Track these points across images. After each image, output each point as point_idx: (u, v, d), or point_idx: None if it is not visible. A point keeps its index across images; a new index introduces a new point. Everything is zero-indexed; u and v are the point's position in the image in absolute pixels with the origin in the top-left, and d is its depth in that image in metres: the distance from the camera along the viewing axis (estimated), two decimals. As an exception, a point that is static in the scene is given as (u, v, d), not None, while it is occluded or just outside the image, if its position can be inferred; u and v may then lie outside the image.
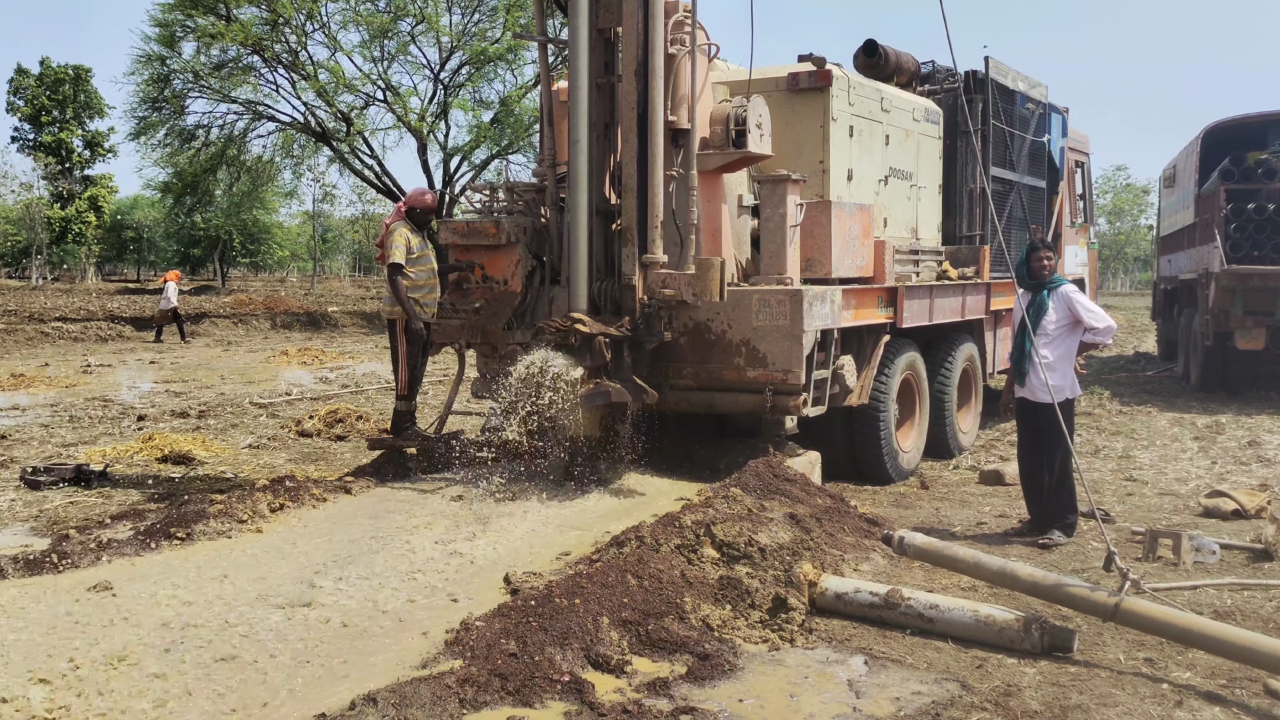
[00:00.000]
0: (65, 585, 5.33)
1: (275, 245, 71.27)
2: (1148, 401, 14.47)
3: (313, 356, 21.76)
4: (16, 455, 10.14)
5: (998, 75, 11.40)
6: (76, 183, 58.62)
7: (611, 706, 4.12)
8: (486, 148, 34.02)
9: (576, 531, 6.48)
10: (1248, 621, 5.36)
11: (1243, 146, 15.47)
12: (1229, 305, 14.01)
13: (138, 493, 8.53)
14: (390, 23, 31.55)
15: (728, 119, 7.91)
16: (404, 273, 8.01)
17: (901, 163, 10.19)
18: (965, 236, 11.37)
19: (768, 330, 7.75)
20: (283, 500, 6.82)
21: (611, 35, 7.88)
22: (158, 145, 32.75)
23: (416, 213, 8.41)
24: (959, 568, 5.71)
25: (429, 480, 7.64)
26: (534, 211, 8.48)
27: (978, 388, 11.11)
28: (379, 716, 3.78)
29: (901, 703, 4.34)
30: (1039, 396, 7.04)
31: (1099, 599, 5.05)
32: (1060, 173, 13.53)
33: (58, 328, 25.65)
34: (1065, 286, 7.14)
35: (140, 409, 13.40)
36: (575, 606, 4.75)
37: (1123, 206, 76.51)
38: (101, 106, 59.76)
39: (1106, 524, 7.22)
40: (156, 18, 30.39)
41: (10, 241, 60.16)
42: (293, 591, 5.30)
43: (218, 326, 29.37)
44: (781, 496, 6.72)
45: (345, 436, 11.33)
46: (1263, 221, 14.37)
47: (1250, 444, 10.88)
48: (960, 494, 8.76)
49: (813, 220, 8.38)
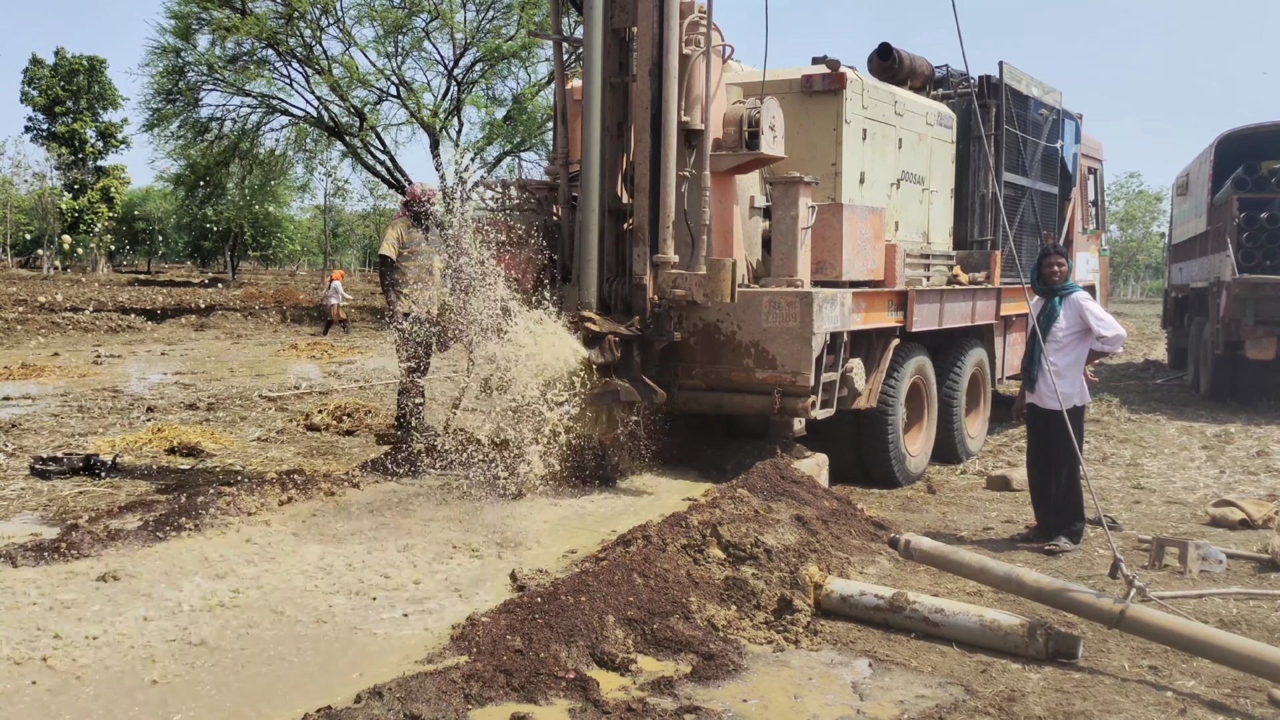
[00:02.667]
0: (74, 574, 5.36)
1: (286, 239, 71.36)
2: (1156, 410, 14.44)
3: (322, 351, 21.81)
4: (26, 445, 10.19)
5: (1012, 80, 11.37)
6: (89, 173, 58.82)
7: (616, 704, 4.13)
8: (499, 145, 34.06)
9: (583, 529, 6.50)
10: (1253, 631, 5.35)
11: (1256, 155, 15.42)
12: (1240, 314, 13.97)
13: (147, 484, 8.56)
14: (405, 18, 31.62)
15: (741, 120, 7.92)
16: (394, 267, 8.19)
17: (914, 166, 10.18)
18: (976, 241, 11.35)
19: (777, 332, 7.76)
20: (291, 493, 6.85)
21: (626, 35, 7.89)
22: (171, 137, 32.88)
23: (416, 207, 8.54)
24: (965, 572, 5.71)
25: (436, 476, 7.66)
26: (546, 209, 8.50)
27: (986, 393, 11.10)
28: (384, 710, 3.79)
29: (905, 706, 4.34)
30: (1048, 403, 7.03)
31: (1104, 606, 5.05)
32: (1073, 179, 13.49)
33: (68, 318, 25.75)
34: (1077, 294, 7.13)
35: (150, 400, 13.45)
36: (581, 604, 4.77)
37: (1135, 214, 76.30)
38: (115, 98, 59.94)
39: (1113, 531, 7.21)
40: (172, 10, 30.54)
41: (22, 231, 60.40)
42: (299, 584, 5.33)
43: (228, 319, 29.45)
44: (788, 498, 6.73)
45: (353, 431, 11.35)
46: (1275, 231, 14.33)
47: (1259, 454, 10.86)
48: (967, 499, 8.75)
49: (824, 223, 8.39)
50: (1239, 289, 13.89)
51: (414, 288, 8.51)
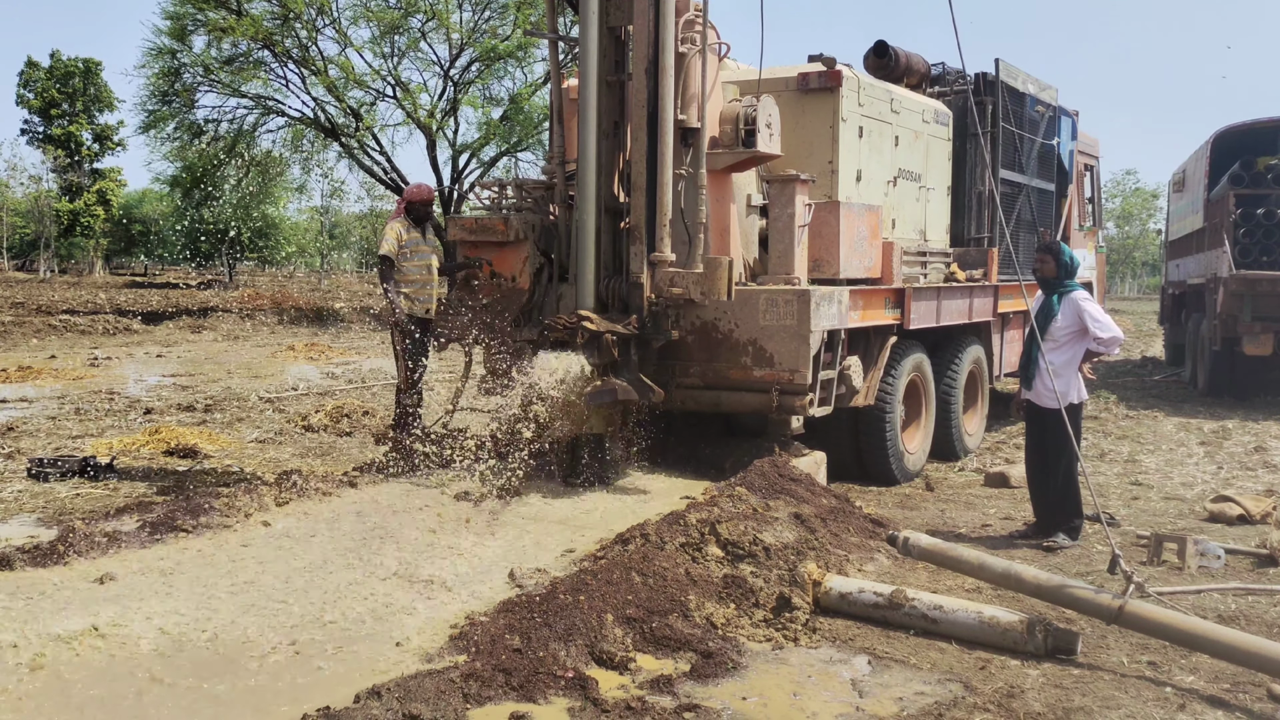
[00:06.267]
0: (71, 575, 5.35)
1: (283, 240, 71.29)
2: (1154, 406, 14.45)
3: (319, 352, 21.77)
4: (23, 447, 10.17)
5: (1008, 78, 11.38)
6: (85, 176, 58.76)
7: (615, 703, 4.12)
8: (496, 145, 34.02)
9: (582, 528, 6.50)
10: (1252, 626, 5.35)
11: (1252, 151, 15.44)
12: (1237, 310, 13.99)
13: (144, 485, 8.55)
14: (401, 19, 31.56)
15: (737, 118, 7.91)
16: (394, 266, 8.20)
17: (910, 164, 10.18)
18: (973, 239, 11.36)
19: (775, 330, 7.76)
20: (288, 494, 6.84)
21: (622, 33, 7.88)
22: (167, 139, 32.77)
23: (415, 208, 8.53)
24: (963, 569, 5.71)
25: (434, 476, 7.65)
26: (543, 209, 8.50)
27: (984, 390, 11.10)
28: (383, 710, 3.79)
29: (904, 703, 4.34)
30: (1044, 401, 7.04)
31: (1103, 602, 5.05)
32: (1069, 176, 13.50)
33: (65, 320, 25.71)
34: (1076, 293, 7.12)
35: (147, 402, 13.43)
36: (580, 603, 4.77)
37: (1132, 211, 76.31)
38: (111, 100, 59.89)
39: (1111, 527, 7.21)
40: (167, 11, 30.44)
41: (19, 234, 60.36)
42: (297, 585, 5.32)
43: (225, 321, 29.41)
44: (787, 496, 6.73)
45: (351, 432, 11.34)
46: (1272, 227, 14.34)
47: (1256, 449, 10.87)
48: (965, 496, 8.76)
49: (821, 220, 8.39)
50: (1236, 285, 13.90)
51: (413, 288, 8.52)
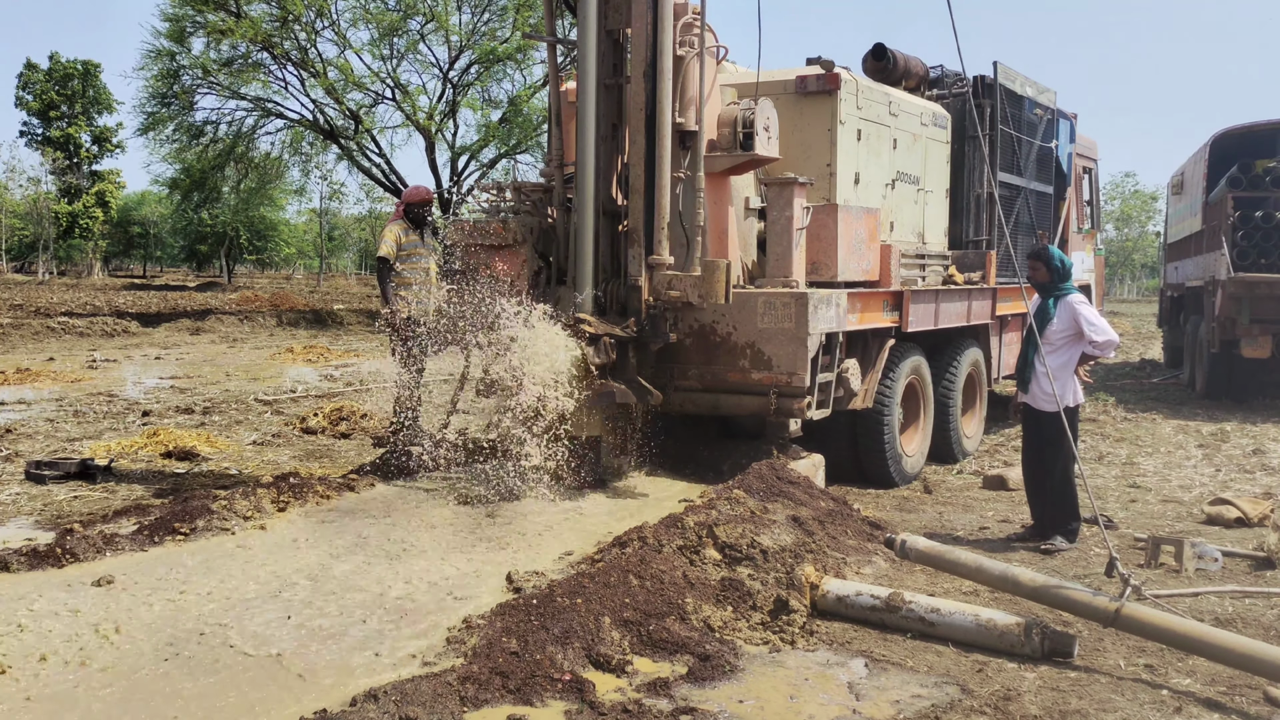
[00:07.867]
0: (69, 578, 5.35)
1: (282, 242, 71.37)
2: (1152, 408, 14.46)
3: (318, 354, 21.78)
4: (21, 449, 10.17)
5: (1006, 80, 11.39)
6: (84, 178, 58.77)
7: (612, 706, 4.13)
8: (495, 147, 34.03)
9: (579, 531, 6.50)
10: (1249, 629, 5.36)
11: (1251, 154, 15.44)
12: (1235, 313, 14.00)
13: (142, 488, 8.55)
14: (400, 21, 31.58)
15: (735, 121, 7.92)
16: (392, 268, 8.24)
17: (909, 167, 10.18)
18: (972, 241, 11.36)
19: (773, 333, 7.76)
20: (287, 497, 6.84)
21: (620, 37, 7.89)
22: (166, 141, 32.81)
23: (414, 209, 8.55)
24: (961, 572, 5.71)
25: (432, 478, 7.65)
26: (541, 211, 8.50)
27: (982, 393, 11.10)
28: (380, 713, 3.79)
29: (901, 705, 4.34)
30: (1040, 404, 7.04)
31: (1100, 605, 5.05)
32: (1068, 178, 13.51)
33: (64, 322, 25.70)
34: (1072, 296, 7.12)
35: (145, 404, 13.43)
36: (577, 606, 4.77)
37: (1130, 213, 76.35)
38: (110, 102, 59.97)
39: (1109, 530, 7.22)
40: (167, 13, 30.46)
41: (17, 236, 60.36)
42: (295, 587, 5.32)
43: (223, 323, 29.40)
44: (784, 499, 6.73)
45: (349, 434, 11.35)
46: (1270, 229, 14.34)
47: (1254, 452, 10.88)
48: (963, 499, 8.76)
49: (819, 223, 8.39)
50: (1234, 287, 13.91)
51: (412, 290, 8.53)
